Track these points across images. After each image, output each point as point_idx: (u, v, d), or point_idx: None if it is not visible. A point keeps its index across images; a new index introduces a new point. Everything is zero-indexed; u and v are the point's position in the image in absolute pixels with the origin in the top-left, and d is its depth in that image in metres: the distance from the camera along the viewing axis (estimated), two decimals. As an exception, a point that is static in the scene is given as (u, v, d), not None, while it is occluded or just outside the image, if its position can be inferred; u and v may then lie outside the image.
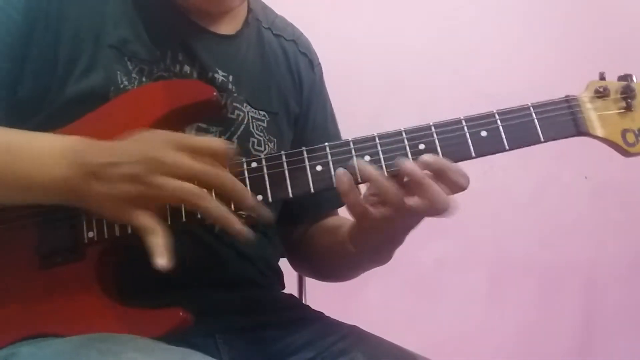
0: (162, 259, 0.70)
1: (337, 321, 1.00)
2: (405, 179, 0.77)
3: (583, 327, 2.14)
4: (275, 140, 0.96)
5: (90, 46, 0.86)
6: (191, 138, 0.75)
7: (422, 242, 1.76)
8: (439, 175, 0.76)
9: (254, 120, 0.95)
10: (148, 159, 0.71)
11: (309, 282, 1.24)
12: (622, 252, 2.18)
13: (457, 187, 0.76)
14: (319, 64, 1.11)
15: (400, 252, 0.86)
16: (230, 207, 0.74)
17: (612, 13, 2.17)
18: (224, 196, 0.73)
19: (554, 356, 2.08)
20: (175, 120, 0.82)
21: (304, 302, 1.21)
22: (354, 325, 0.99)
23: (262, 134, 0.95)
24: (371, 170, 0.76)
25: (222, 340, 0.87)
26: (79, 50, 0.86)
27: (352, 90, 1.73)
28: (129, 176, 0.71)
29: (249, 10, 1.02)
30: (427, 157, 0.76)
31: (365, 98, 1.81)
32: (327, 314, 1.02)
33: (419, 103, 1.76)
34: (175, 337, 0.73)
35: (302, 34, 1.11)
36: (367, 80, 1.84)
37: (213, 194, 0.73)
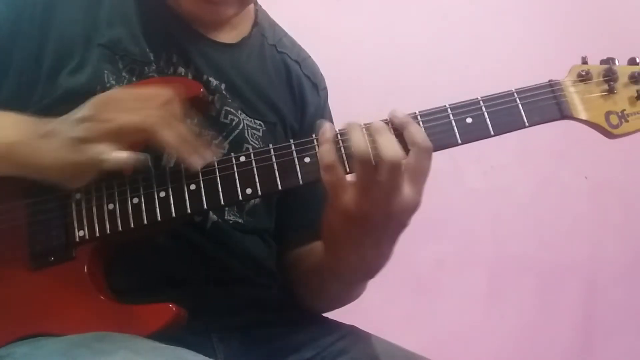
0: (123, 155, 0.73)
1: (336, 321, 1.00)
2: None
3: (583, 327, 2.14)
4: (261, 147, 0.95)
5: (81, 45, 0.87)
6: (138, 88, 0.79)
7: (422, 242, 1.76)
8: (402, 129, 0.76)
9: (249, 128, 0.94)
10: (99, 100, 0.75)
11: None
12: (622, 252, 2.18)
13: (415, 143, 0.75)
14: (325, 88, 1.10)
15: (400, 252, 0.85)
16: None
17: (608, 11, 2.17)
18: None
19: (553, 356, 2.08)
20: None
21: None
22: (353, 325, 0.99)
23: (257, 142, 0.94)
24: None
25: (218, 339, 0.87)
26: (68, 49, 0.87)
27: (352, 90, 1.73)
28: (81, 119, 0.74)
29: (255, 24, 1.02)
30: (395, 112, 0.78)
31: (365, 98, 1.80)
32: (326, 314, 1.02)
33: (419, 103, 1.75)
34: (171, 336, 0.73)
35: (308, 56, 1.10)
36: (367, 80, 1.84)
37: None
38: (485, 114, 0.79)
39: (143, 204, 0.78)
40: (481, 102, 0.80)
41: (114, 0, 0.91)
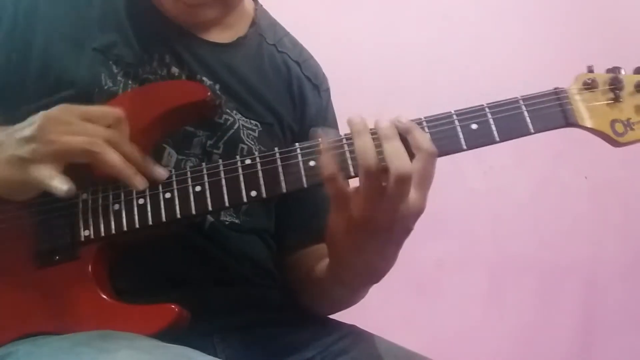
0: (62, 185, 0.73)
1: (337, 321, 1.00)
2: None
3: (583, 327, 2.14)
4: (266, 151, 0.95)
5: (73, 49, 0.87)
6: (86, 107, 0.78)
7: (422, 242, 1.76)
8: (406, 134, 0.75)
9: (244, 128, 0.94)
10: (44, 120, 0.74)
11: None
12: (622, 252, 2.18)
13: (420, 148, 0.74)
14: (327, 89, 1.09)
15: (400, 252, 0.85)
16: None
17: (608, 11, 2.18)
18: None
19: (553, 356, 2.08)
20: (170, 120, 0.82)
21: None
22: (354, 325, 0.99)
23: (253, 143, 0.94)
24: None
25: (220, 339, 0.87)
26: (59, 52, 0.87)
27: (352, 90, 1.73)
28: (24, 138, 0.74)
29: (253, 23, 1.02)
30: (399, 118, 0.77)
31: (365, 98, 1.80)
32: (326, 313, 1.02)
33: (419, 103, 1.75)
34: (172, 338, 0.73)
35: (310, 57, 1.09)
36: (367, 80, 1.84)
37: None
38: (491, 120, 0.79)
39: (148, 205, 0.79)
40: (487, 109, 0.80)
41: (104, 2, 0.91)
